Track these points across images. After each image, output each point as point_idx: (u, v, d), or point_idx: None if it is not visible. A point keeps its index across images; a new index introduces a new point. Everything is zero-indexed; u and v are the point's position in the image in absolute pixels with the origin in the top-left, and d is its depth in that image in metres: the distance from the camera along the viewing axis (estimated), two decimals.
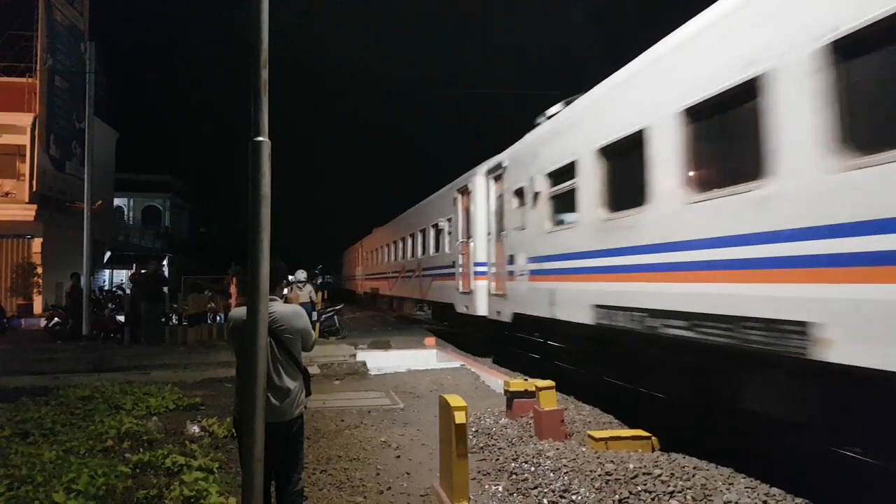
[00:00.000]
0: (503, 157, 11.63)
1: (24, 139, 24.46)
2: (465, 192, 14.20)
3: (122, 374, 11.11)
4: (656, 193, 6.45)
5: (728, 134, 5.81)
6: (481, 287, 12.82)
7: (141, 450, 6.44)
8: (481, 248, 13.00)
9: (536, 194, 9.54)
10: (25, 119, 24.32)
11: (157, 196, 54.21)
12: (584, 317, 7.89)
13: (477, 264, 13.10)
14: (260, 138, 3.96)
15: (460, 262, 14.33)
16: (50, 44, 24.77)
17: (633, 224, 6.89)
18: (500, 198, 11.66)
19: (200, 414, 8.13)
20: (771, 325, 4.78)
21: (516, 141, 11.27)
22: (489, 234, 12.69)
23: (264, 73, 4.00)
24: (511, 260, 10.74)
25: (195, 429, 7.27)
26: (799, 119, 4.58)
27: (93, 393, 8.90)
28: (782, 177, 4.74)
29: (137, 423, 7.37)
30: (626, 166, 7.18)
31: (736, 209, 5.22)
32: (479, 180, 13.26)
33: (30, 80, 24.43)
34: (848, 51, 4.25)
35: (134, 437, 6.91)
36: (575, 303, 8.26)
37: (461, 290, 14.19)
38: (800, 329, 4.49)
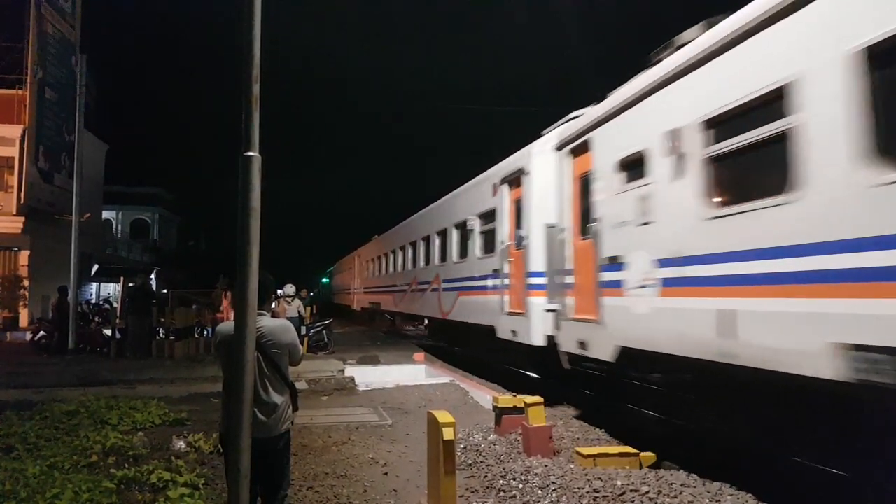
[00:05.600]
0: (590, 117, 8.18)
1: (13, 151, 24.38)
2: (515, 179, 10.75)
3: (108, 389, 11.00)
4: None
5: None
6: (537, 306, 9.48)
7: (126, 465, 6.37)
8: (538, 254, 9.62)
9: (681, 156, 5.97)
10: (15, 131, 24.25)
11: (145, 209, 53.91)
12: (819, 366, 4.34)
13: (532, 275, 9.72)
14: (250, 153, 3.99)
15: (506, 271, 10.87)
16: (40, 56, 24.75)
17: None
18: (585, 179, 8.31)
19: (186, 429, 8.06)
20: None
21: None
22: (557, 231, 9.15)
23: (256, 88, 4.03)
24: (613, 265, 7.26)
25: (181, 444, 7.20)
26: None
27: (78, 407, 8.81)
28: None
29: (123, 438, 7.30)
30: None
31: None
32: (540, 160, 9.79)
33: (20, 91, 24.37)
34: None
35: (119, 452, 6.84)
36: (791, 334, 4.64)
37: (508, 309, 10.72)
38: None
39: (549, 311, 9.04)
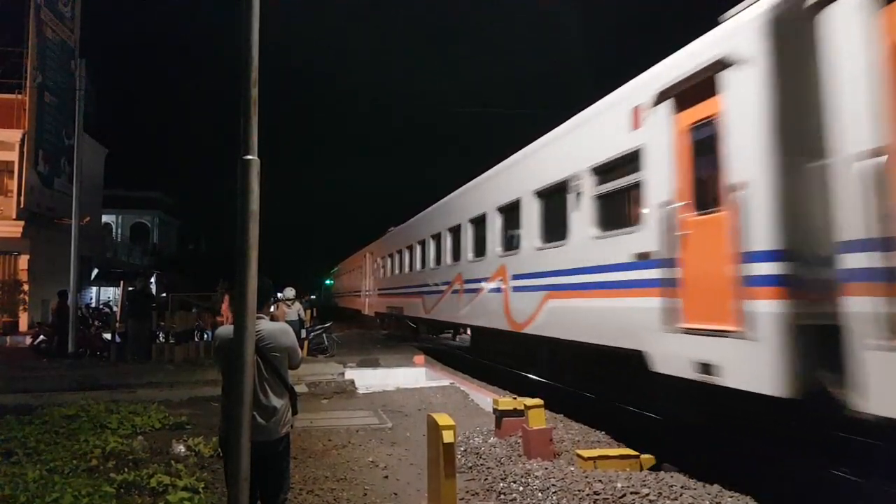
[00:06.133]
0: None
1: (13, 155, 24.41)
2: (698, 86, 5.90)
3: (108, 393, 10.99)
4: None
5: None
6: (773, 318, 4.87)
7: (126, 469, 6.35)
8: (772, 219, 4.99)
9: None
10: (14, 135, 24.27)
11: (145, 213, 54.02)
12: None
13: (758, 257, 5.07)
14: (249, 156, 3.99)
15: (671, 255, 6.14)
16: (40, 60, 24.79)
17: None
18: None
19: (186, 433, 8.05)
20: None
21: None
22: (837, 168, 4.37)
23: (254, 92, 4.03)
24: None
25: (181, 448, 7.19)
26: None
27: (78, 411, 8.80)
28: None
29: (122, 442, 7.30)
30: None
31: None
32: (776, 33, 5.07)
33: (19, 96, 24.40)
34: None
35: (119, 456, 6.83)
36: None
37: (683, 322, 5.92)
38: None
39: (806, 326, 4.71)
